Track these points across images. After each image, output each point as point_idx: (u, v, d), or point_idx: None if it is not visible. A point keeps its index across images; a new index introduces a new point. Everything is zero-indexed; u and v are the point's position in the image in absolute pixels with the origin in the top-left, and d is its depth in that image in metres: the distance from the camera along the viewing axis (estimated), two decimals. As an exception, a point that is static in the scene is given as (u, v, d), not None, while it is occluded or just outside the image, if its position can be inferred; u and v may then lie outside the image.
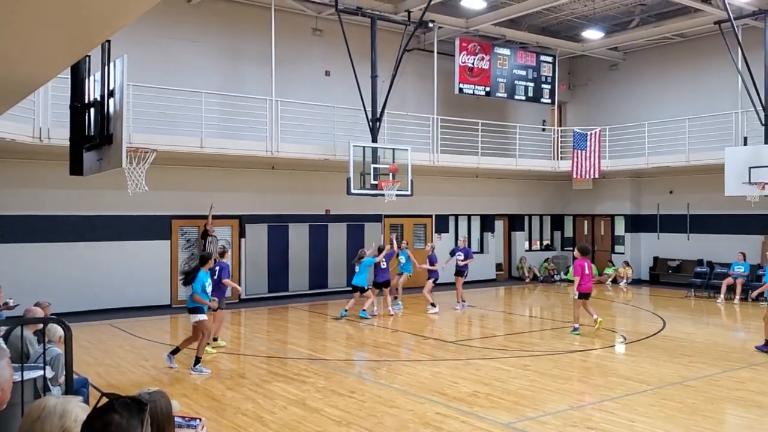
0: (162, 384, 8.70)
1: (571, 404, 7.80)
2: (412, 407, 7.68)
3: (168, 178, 15.53)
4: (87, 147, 6.52)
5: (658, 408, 7.62)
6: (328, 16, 17.79)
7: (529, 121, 22.53)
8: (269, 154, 15.64)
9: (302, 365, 9.96)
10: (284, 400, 8.04)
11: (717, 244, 19.69)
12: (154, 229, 15.94)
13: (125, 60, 6.11)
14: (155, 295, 15.87)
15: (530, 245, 24.03)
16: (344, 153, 16.19)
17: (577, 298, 12.49)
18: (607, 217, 22.89)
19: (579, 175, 20.57)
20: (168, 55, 16.08)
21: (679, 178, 20.74)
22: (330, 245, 18.56)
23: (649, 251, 21.85)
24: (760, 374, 9.41)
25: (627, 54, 22.49)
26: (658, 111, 20.78)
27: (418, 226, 20.82)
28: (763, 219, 18.71)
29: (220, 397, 8.16)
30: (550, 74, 21.50)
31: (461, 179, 21.22)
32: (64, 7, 3.66)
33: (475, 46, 19.78)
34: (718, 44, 18.41)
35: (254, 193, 17.35)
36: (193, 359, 9.58)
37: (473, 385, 8.73)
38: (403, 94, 19.01)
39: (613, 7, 19.54)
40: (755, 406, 7.79)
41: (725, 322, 14.80)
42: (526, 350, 11.16)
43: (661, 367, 9.74)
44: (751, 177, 16.52)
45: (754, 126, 17.55)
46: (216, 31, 16.94)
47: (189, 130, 14.90)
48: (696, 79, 20.47)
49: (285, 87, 16.86)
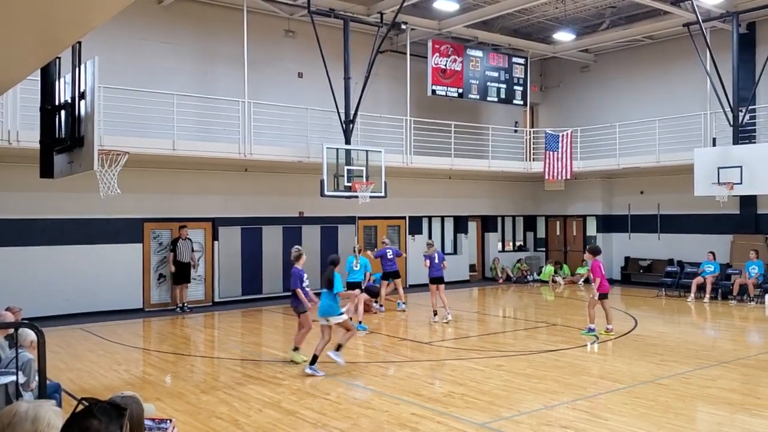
0: (135, 388, 8.58)
1: (546, 403, 7.87)
2: (387, 408, 7.69)
3: (140, 181, 15.36)
4: (57, 149, 6.44)
5: (632, 406, 7.73)
6: (300, 17, 17.74)
7: (501, 123, 22.72)
8: (242, 157, 15.54)
9: (277, 368, 9.91)
10: (259, 402, 8.00)
11: (687, 243, 20.04)
12: (125, 232, 15.75)
13: (96, 62, 6.03)
14: (127, 298, 15.67)
15: (503, 246, 24.21)
16: (318, 155, 16.15)
17: (597, 298, 12.40)
18: (579, 217, 23.16)
19: (551, 176, 20.78)
20: (139, 56, 15.89)
21: (650, 179, 21.06)
22: (304, 247, 18.46)
23: (621, 251, 22.16)
24: (729, 372, 9.60)
25: (598, 56, 22.79)
26: (628, 112, 21.09)
27: (392, 227, 20.86)
28: (731, 218, 19.09)
29: (194, 401, 8.08)
30: (522, 76, 21.69)
31: (435, 181, 21.31)
32: (33, 9, 3.61)
33: (448, 48, 19.89)
34: (687, 46, 18.74)
35: (227, 195, 17.23)
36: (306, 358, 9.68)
37: (448, 385, 8.76)
38: (376, 95, 19.03)
39: (584, 10, 19.79)
40: (725, 403, 7.93)
41: (696, 321, 15.06)
42: (501, 350, 11.24)
43: (633, 366, 9.88)
44: (720, 177, 16.85)
45: (723, 127, 17.91)
46: (188, 32, 16.79)
47: (161, 133, 14.75)
48: (666, 80, 20.81)
49: (258, 89, 16.78)
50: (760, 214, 18.71)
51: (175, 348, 12.01)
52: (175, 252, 15.97)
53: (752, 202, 18.69)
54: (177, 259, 15.97)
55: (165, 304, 16.33)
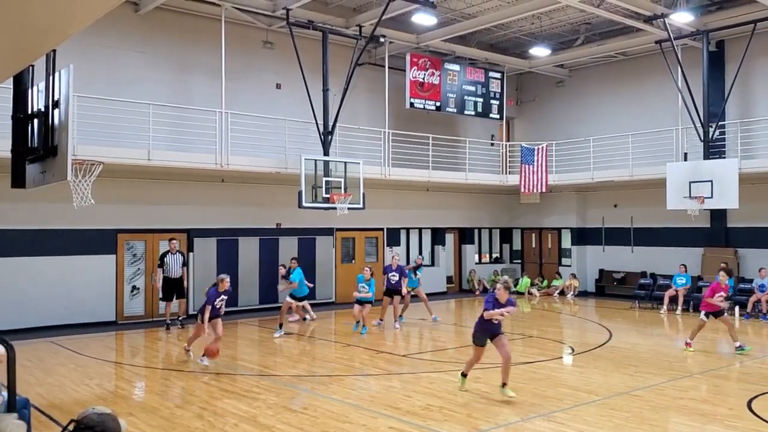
0: (107, 403, 8.43)
1: (523, 416, 7.88)
2: (365, 422, 7.64)
3: (114, 191, 15.18)
4: (30, 159, 6.33)
5: (607, 418, 7.78)
6: (279, 29, 17.74)
7: (478, 136, 22.89)
8: (218, 167, 15.44)
9: (253, 381, 9.81)
10: (235, 417, 7.89)
11: (659, 256, 20.30)
12: (99, 243, 15.51)
13: (71, 70, 5.95)
14: (100, 311, 15.42)
15: (480, 258, 24.32)
16: (295, 166, 16.11)
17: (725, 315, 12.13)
18: (554, 230, 23.36)
19: (527, 189, 20.98)
20: (115, 66, 15.75)
21: (623, 193, 21.34)
22: (281, 259, 18.37)
23: (595, 263, 22.38)
24: (701, 383, 9.72)
25: (573, 71, 23.09)
26: (602, 127, 21.37)
27: (370, 239, 20.84)
28: (702, 232, 19.40)
29: (169, 416, 7.96)
30: (498, 90, 21.90)
31: (412, 193, 21.36)
32: (7, 16, 3.55)
33: (426, 62, 20.02)
34: (659, 63, 19.08)
35: (203, 206, 17.08)
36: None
37: (426, 398, 8.74)
38: (354, 107, 19.07)
39: (559, 26, 20.07)
40: (698, 413, 8.02)
41: (668, 333, 15.22)
42: (478, 363, 11.22)
43: (608, 378, 9.95)
44: (691, 191, 17.15)
45: (694, 142, 18.23)
46: (165, 42, 16.68)
47: (136, 143, 14.60)
48: (638, 96, 21.14)
49: (235, 99, 16.72)
50: (729, 227, 19.03)
51: (148, 362, 11.85)
52: (163, 267, 14.93)
53: (722, 216, 19.01)
54: (165, 275, 14.88)
55: (139, 316, 16.09)
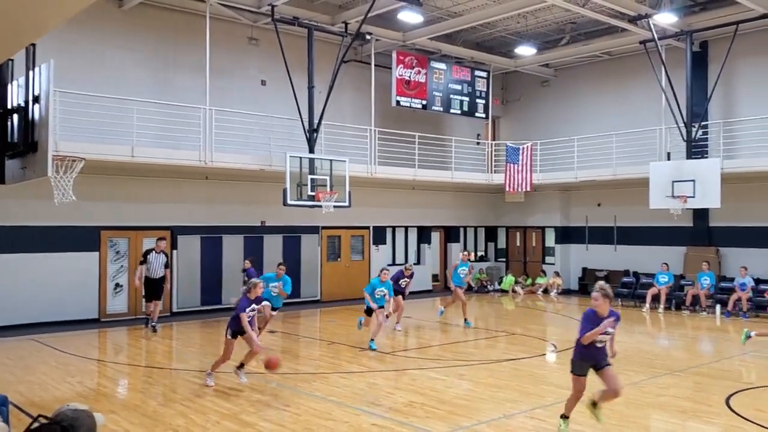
0: (89, 400, 8.38)
1: (505, 412, 7.93)
2: (348, 419, 7.65)
3: (97, 188, 15.06)
4: (9, 155, 6.28)
5: (588, 415, 7.81)
6: (264, 25, 17.66)
7: (464, 135, 22.94)
8: (203, 164, 15.36)
9: (236, 379, 9.77)
10: (217, 414, 7.87)
11: (642, 255, 20.46)
12: (81, 241, 15.38)
13: (51, 65, 5.90)
14: (82, 308, 15.29)
15: (465, 256, 24.35)
16: (281, 163, 16.07)
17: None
18: (538, 228, 23.48)
19: (511, 188, 21.08)
20: (98, 61, 15.61)
21: (607, 192, 21.48)
22: (266, 257, 18.34)
23: (578, 262, 22.52)
24: (681, 380, 9.82)
25: (558, 71, 23.21)
26: (587, 126, 21.50)
27: (356, 237, 20.83)
28: (685, 231, 19.58)
29: (151, 414, 7.92)
30: (484, 89, 21.97)
31: (398, 191, 21.37)
32: (-15, 9, 3.52)
33: (412, 60, 20.03)
34: (643, 63, 19.22)
35: (187, 203, 16.99)
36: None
37: (409, 395, 8.76)
38: (340, 105, 19.05)
39: (545, 25, 20.16)
40: (678, 410, 8.11)
41: (650, 331, 15.36)
42: (462, 360, 11.30)
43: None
44: (674, 191, 17.32)
45: (677, 142, 18.40)
46: (149, 38, 16.56)
47: (120, 139, 14.50)
48: (623, 95, 21.29)
49: (220, 96, 16.63)
50: (712, 226, 19.22)
51: (131, 359, 11.78)
52: (146, 264, 14.20)
53: (704, 215, 19.20)
54: (146, 275, 14.17)
55: (122, 314, 15.99)
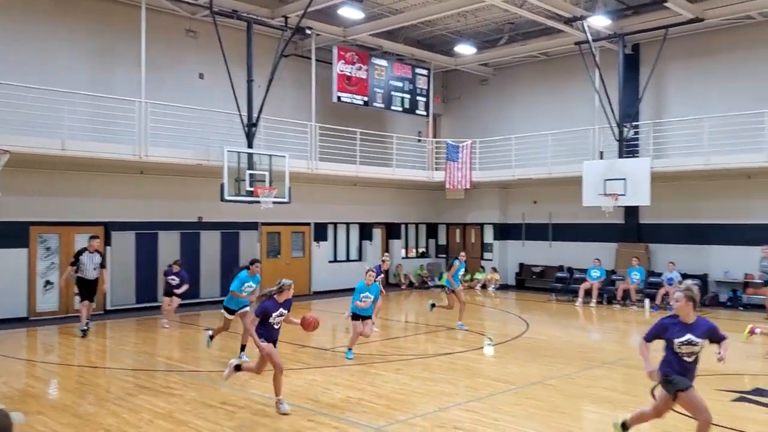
0: (14, 401, 8.10)
1: (440, 406, 8.06)
2: (285, 416, 7.63)
3: (27, 182, 14.55)
4: (-72, 146, 6.00)
5: (522, 407, 8.04)
6: (202, 17, 17.35)
7: (405, 132, 23.10)
8: (138, 158, 14.99)
9: (171, 378, 9.61)
10: (150, 413, 7.73)
11: (576, 250, 21.08)
12: (9, 236, 14.80)
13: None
14: (10, 307, 14.74)
15: (407, 253, 24.59)
16: (218, 158, 15.83)
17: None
18: (477, 225, 23.89)
19: (452, 185, 21.38)
20: (29, 50, 15.04)
21: (543, 189, 22.02)
22: (202, 254, 18.06)
23: (515, 258, 23.03)
24: (611, 372, 10.18)
25: (497, 70, 23.62)
26: (524, 125, 21.97)
27: (297, 233, 20.72)
28: (616, 227, 20.26)
29: (81, 414, 7.70)
30: (425, 87, 22.17)
31: (340, 187, 21.36)
32: None
33: (353, 56, 20.04)
34: (578, 64, 19.76)
35: (121, 199, 16.56)
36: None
37: (346, 390, 8.80)
38: (280, 100, 18.89)
39: (484, 25, 20.49)
40: (607, 401, 8.41)
41: (583, 324, 15.84)
42: (400, 355, 11.41)
43: (525, 368, 10.28)
44: (606, 189, 17.90)
45: (609, 141, 19.00)
46: (83, 27, 16.04)
47: (50, 132, 14.00)
48: (559, 95, 21.84)
49: (157, 89, 16.26)
50: (642, 223, 19.95)
51: (62, 359, 11.43)
52: (78, 266, 13.18)
53: (635, 213, 19.92)
54: (79, 275, 13.24)
55: (53, 312, 15.48)
